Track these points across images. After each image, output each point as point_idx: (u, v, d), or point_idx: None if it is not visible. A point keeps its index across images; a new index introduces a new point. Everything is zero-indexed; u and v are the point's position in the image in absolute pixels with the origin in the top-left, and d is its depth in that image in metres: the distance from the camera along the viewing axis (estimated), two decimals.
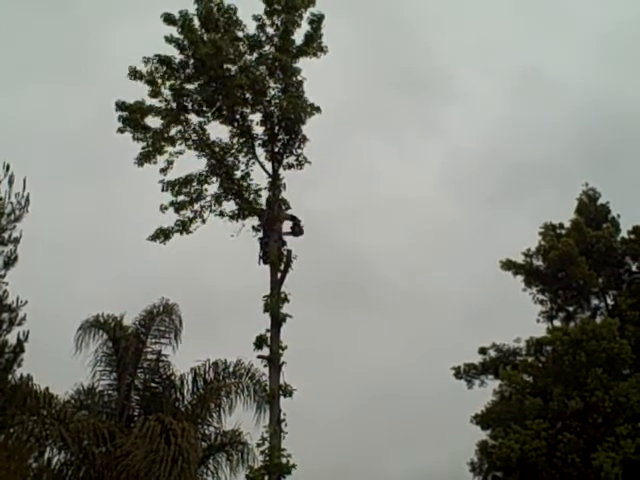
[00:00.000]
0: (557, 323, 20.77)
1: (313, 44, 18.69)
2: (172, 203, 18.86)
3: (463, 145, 43.61)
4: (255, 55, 18.75)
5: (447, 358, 24.33)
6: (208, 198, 18.88)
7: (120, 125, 18.63)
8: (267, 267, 17.96)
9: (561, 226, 22.45)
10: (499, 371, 18.65)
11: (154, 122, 18.92)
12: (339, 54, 20.05)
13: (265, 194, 18.60)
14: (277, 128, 18.63)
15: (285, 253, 17.74)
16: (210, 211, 18.89)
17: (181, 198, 18.84)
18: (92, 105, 32.07)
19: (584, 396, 16.60)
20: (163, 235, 18.87)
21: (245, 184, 18.73)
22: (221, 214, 18.82)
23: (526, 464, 16.39)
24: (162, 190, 18.83)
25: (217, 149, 18.91)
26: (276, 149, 18.64)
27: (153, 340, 21.27)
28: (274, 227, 18.04)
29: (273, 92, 18.76)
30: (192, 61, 18.60)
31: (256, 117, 18.87)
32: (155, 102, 18.83)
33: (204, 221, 18.88)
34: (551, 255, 20.84)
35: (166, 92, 18.77)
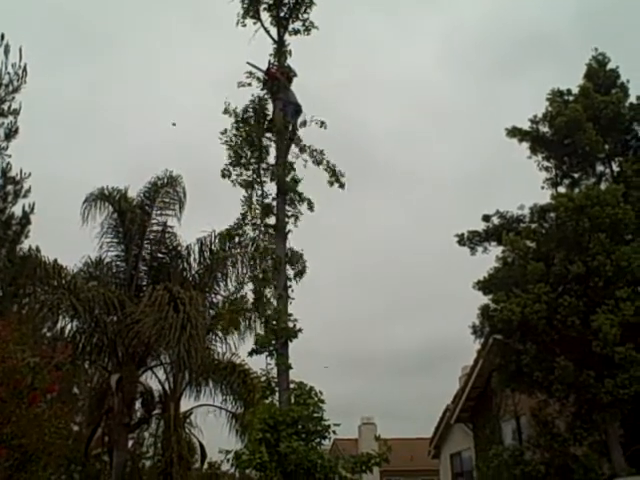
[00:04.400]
0: (561, 190, 20.61)
1: None
2: None
3: (463, 18, 42.24)
4: None
5: (450, 227, 24.58)
6: None
7: None
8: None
9: (569, 92, 21.85)
10: (502, 237, 18.69)
11: None
12: None
13: None
14: None
15: (292, 121, 17.40)
16: None
17: None
18: None
19: (586, 261, 16.72)
20: None
21: None
22: None
23: (527, 326, 16.72)
24: None
25: None
26: (282, 13, 18.00)
27: (158, 212, 21.51)
28: (279, 95, 17.65)
29: None
30: None
31: None
32: None
33: None
34: (558, 121, 20.37)
35: None
